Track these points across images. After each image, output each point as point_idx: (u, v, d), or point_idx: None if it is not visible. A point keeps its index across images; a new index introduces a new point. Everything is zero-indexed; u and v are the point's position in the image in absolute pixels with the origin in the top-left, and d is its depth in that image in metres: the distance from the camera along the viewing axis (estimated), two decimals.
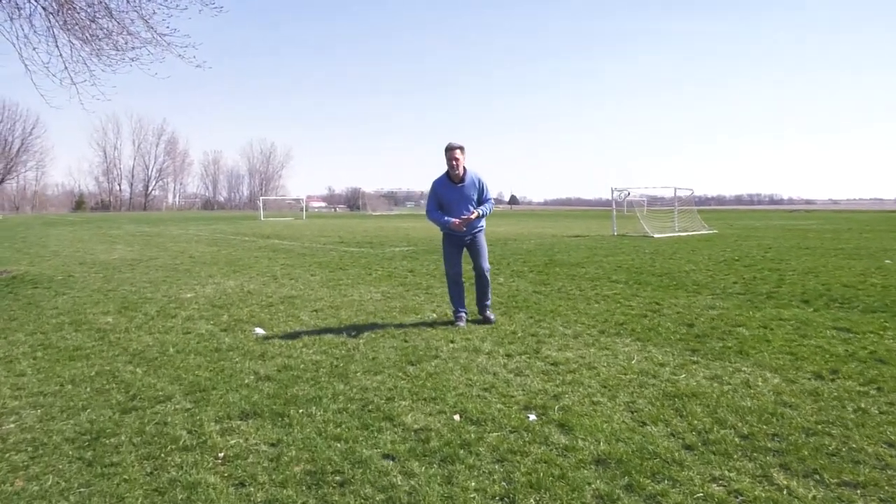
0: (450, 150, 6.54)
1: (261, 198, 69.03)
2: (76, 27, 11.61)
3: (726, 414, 3.85)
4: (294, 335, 6.22)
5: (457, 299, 6.76)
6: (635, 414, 3.90)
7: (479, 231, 6.76)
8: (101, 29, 11.81)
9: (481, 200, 6.59)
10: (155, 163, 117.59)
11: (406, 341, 5.90)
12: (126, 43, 11.98)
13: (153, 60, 12.02)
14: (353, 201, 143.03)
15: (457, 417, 3.94)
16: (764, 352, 5.27)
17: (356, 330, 6.39)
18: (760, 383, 4.43)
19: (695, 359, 5.12)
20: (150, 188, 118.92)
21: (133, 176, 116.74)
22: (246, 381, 4.76)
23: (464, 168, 6.62)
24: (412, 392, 4.41)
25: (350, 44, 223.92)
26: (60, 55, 11.87)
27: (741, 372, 4.73)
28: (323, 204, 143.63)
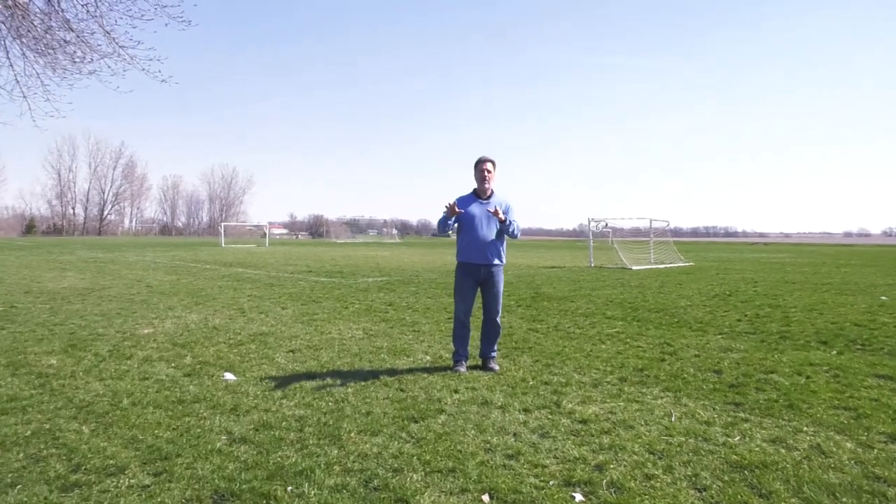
0: (481, 163, 5.94)
1: (222, 224, 67.29)
2: (29, 36, 10.68)
3: (815, 493, 3.17)
4: (270, 382, 5.38)
5: (460, 341, 6.02)
6: (704, 493, 3.20)
7: (498, 267, 6.02)
8: (56, 40, 10.90)
9: (504, 227, 5.91)
10: (111, 186, 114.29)
11: (402, 390, 5.12)
12: (84, 55, 11.07)
13: (114, 74, 11.09)
14: (316, 228, 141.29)
15: (486, 498, 3.18)
16: (816, 406, 4.64)
17: (341, 376, 5.58)
18: (834, 449, 3.78)
19: (742, 415, 4.45)
20: (106, 212, 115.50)
21: (88, 199, 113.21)
22: (217, 444, 3.92)
23: (491, 189, 6.00)
24: (423, 461, 3.64)
25: (314, 69, 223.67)
26: (11, 67, 10.89)
27: (804, 433, 4.07)
28: (284, 231, 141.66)
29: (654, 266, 21.31)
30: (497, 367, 5.84)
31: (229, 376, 5.65)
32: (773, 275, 18.08)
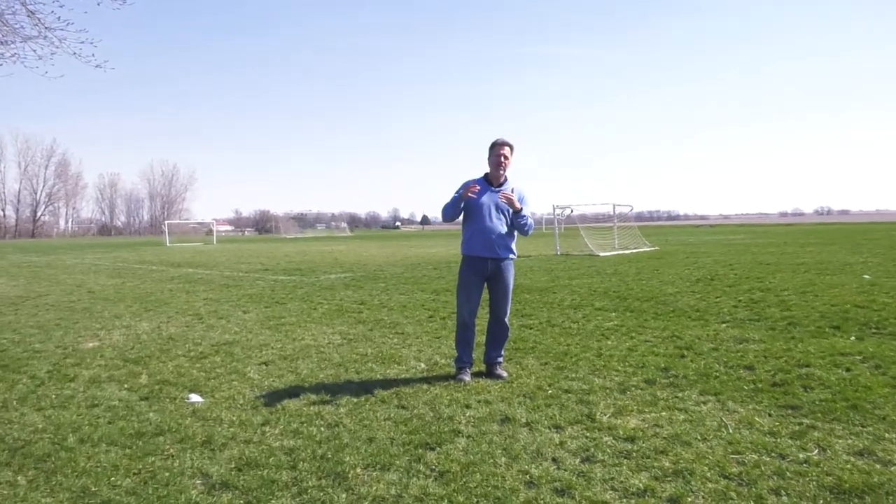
0: (498, 147, 5.19)
1: (165, 222, 64.70)
2: None
3: None
4: (245, 404, 4.58)
5: (463, 345, 5.33)
6: None
7: (508, 262, 5.31)
8: None
9: (517, 219, 5.20)
10: (44, 186, 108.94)
11: (403, 407, 4.40)
12: (5, 38, 9.86)
13: (40, 58, 9.90)
14: (262, 224, 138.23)
15: None
16: (882, 405, 4.11)
17: (328, 392, 4.81)
18: None
19: (805, 420, 3.89)
20: (39, 214, 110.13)
21: (19, 201, 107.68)
22: (193, 492, 3.15)
23: (505, 176, 5.27)
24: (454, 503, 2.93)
25: (256, 63, 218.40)
26: None
27: (888, 441, 3.52)
28: (230, 227, 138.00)
29: (620, 252, 21.02)
30: (505, 375, 5.15)
31: (195, 398, 4.82)
32: (742, 257, 17.94)
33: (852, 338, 6.21)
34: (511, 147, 5.18)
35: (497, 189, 5.19)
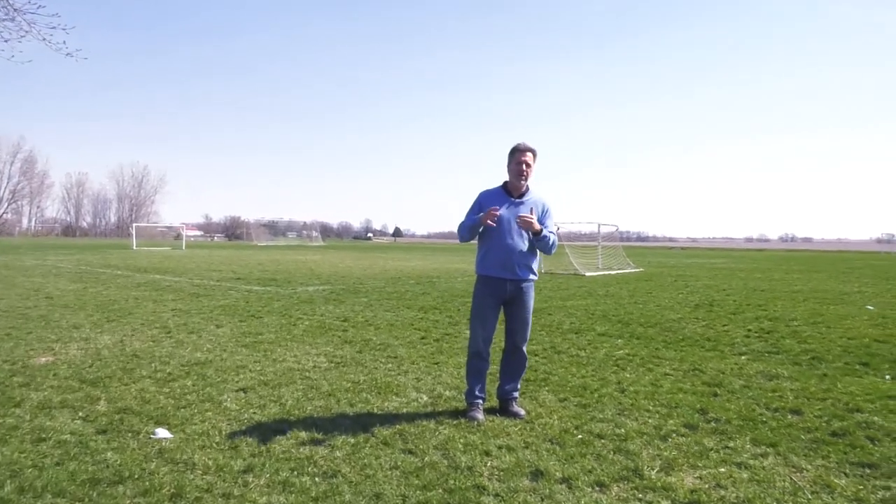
0: (519, 153, 4.56)
1: (133, 225, 62.93)
2: None
3: None
4: (222, 443, 3.87)
5: (475, 377, 4.68)
6: None
7: (529, 284, 4.68)
8: None
9: (538, 240, 4.58)
10: (8, 183, 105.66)
11: (412, 453, 3.74)
12: None
13: (7, 41, 9.09)
14: (233, 230, 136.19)
15: None
16: None
17: (319, 430, 4.14)
18: None
19: (890, 483, 3.32)
20: (2, 211, 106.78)
21: None
22: None
23: (527, 185, 4.65)
24: None
25: (230, 68, 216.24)
26: None
27: None
28: (199, 232, 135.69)
29: (605, 272, 20.58)
30: (523, 413, 4.51)
31: (163, 433, 4.10)
32: (732, 282, 17.59)
33: (887, 377, 5.71)
34: (534, 153, 4.57)
35: (518, 200, 4.59)
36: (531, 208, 4.54)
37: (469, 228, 4.58)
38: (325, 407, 4.70)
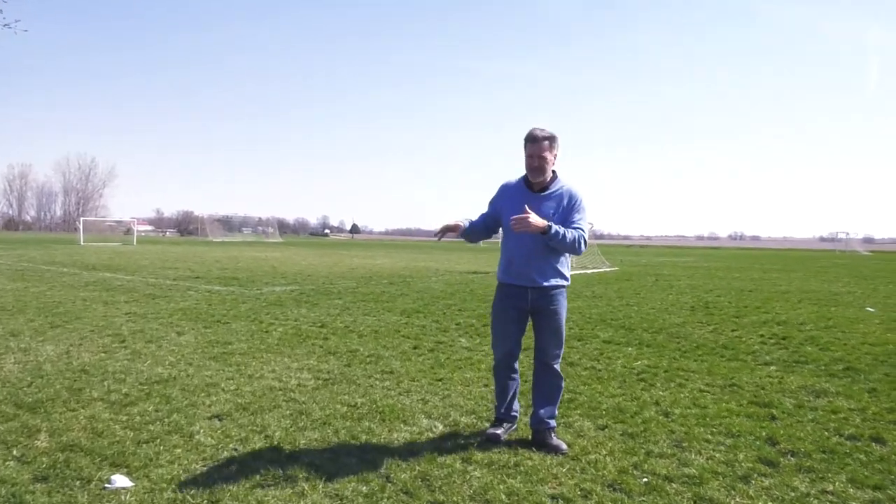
0: (528, 145, 3.82)
1: (80, 219, 60.09)
2: None
3: None
4: (199, 494, 3.04)
5: (500, 393, 4.07)
6: None
7: (558, 291, 3.94)
8: None
9: (565, 225, 3.82)
10: None
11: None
12: None
13: None
14: (185, 226, 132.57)
15: None
16: None
17: (319, 470, 3.35)
18: None
19: None
20: None
21: None
22: None
23: (553, 172, 3.90)
24: None
25: (185, 60, 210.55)
26: None
27: None
28: (150, 227, 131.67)
29: (582, 271, 20.03)
30: (565, 447, 3.76)
31: (121, 481, 3.23)
32: (715, 282, 17.19)
33: None
34: (551, 140, 3.80)
35: (541, 194, 3.85)
36: (555, 203, 3.82)
37: (463, 233, 3.93)
38: (322, 439, 3.87)
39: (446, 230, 3.88)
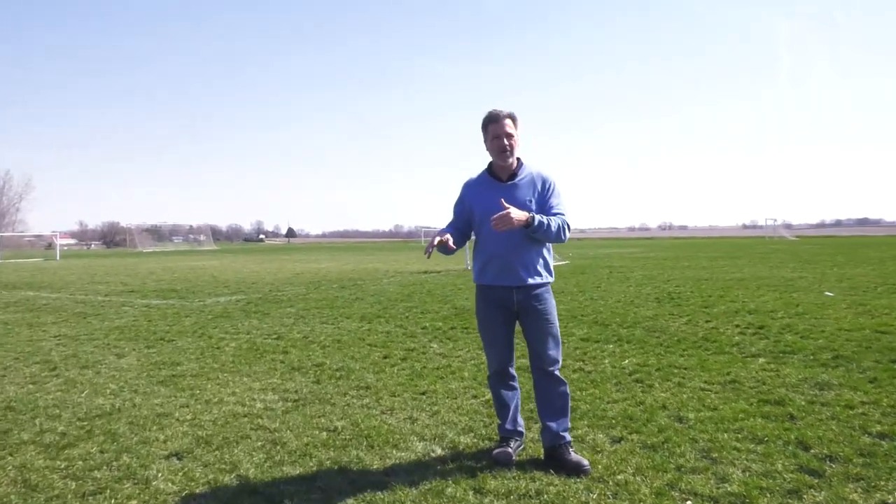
0: (492, 123, 3.46)
1: None
2: None
3: None
4: None
5: (501, 405, 3.67)
6: None
7: (543, 288, 3.55)
8: None
9: (545, 212, 3.44)
10: None
11: None
12: None
13: None
14: (111, 237, 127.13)
15: None
16: None
17: None
18: None
19: None
20: None
21: None
22: None
23: (517, 159, 3.52)
24: None
25: (109, 66, 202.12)
26: None
27: None
28: (73, 241, 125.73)
29: None
30: (587, 463, 3.33)
31: None
32: (667, 272, 17.19)
33: None
34: (513, 118, 3.45)
35: (510, 182, 3.44)
36: (528, 191, 3.48)
37: (452, 245, 3.43)
38: (305, 475, 3.33)
39: (442, 245, 3.39)
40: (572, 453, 3.40)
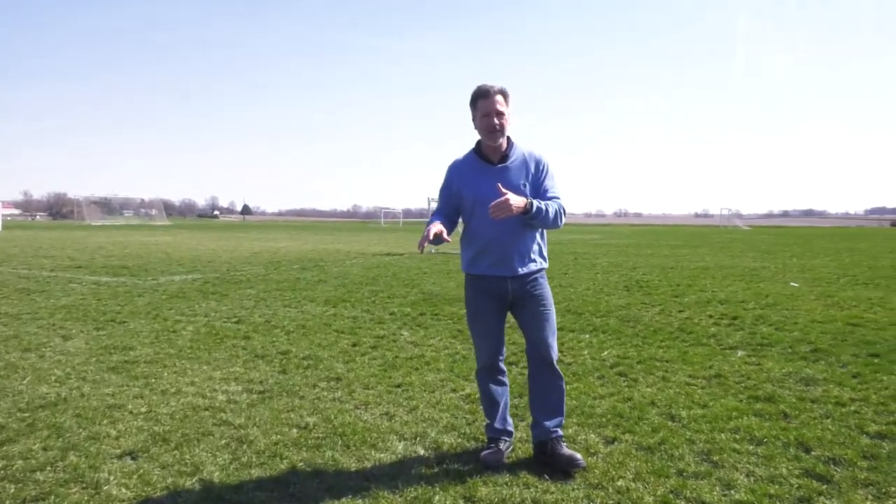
0: (482, 99, 3.16)
1: None
2: None
3: None
4: None
5: (490, 402, 3.42)
6: None
7: (538, 276, 3.30)
8: None
9: (539, 196, 3.19)
10: None
11: None
12: None
13: None
14: (58, 209, 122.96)
15: None
16: None
17: None
18: None
19: None
20: None
21: None
22: None
23: (507, 138, 3.23)
24: None
25: (46, 28, 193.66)
26: None
27: None
28: (16, 211, 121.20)
29: None
30: (580, 459, 3.11)
31: None
32: (631, 259, 17.24)
33: None
34: (504, 93, 3.15)
35: (501, 165, 3.18)
36: (521, 173, 3.22)
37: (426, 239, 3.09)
38: (276, 480, 3.02)
39: (437, 237, 3.09)
40: (565, 447, 3.19)
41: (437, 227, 3.08)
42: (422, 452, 3.36)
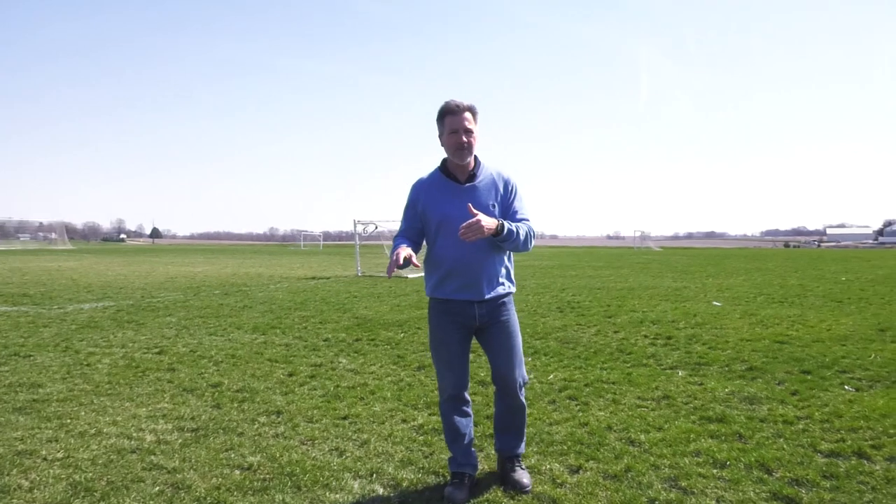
0: (450, 115, 3.01)
1: None
2: None
3: None
4: None
5: (453, 435, 3.23)
6: None
7: (506, 300, 3.17)
8: None
9: (508, 217, 3.08)
10: None
11: None
12: None
13: None
14: None
15: None
16: None
17: None
18: None
19: None
20: None
21: None
22: None
23: (475, 157, 3.10)
24: None
25: None
26: None
27: None
28: None
29: (419, 274, 19.42)
30: (527, 482, 3.05)
31: None
32: (557, 280, 17.45)
33: (848, 388, 5.14)
34: (472, 110, 3.04)
35: (469, 184, 3.05)
36: (494, 193, 3.11)
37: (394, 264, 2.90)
38: None
39: (406, 261, 2.89)
40: (519, 473, 3.19)
41: (405, 251, 2.89)
42: (380, 491, 3.13)
